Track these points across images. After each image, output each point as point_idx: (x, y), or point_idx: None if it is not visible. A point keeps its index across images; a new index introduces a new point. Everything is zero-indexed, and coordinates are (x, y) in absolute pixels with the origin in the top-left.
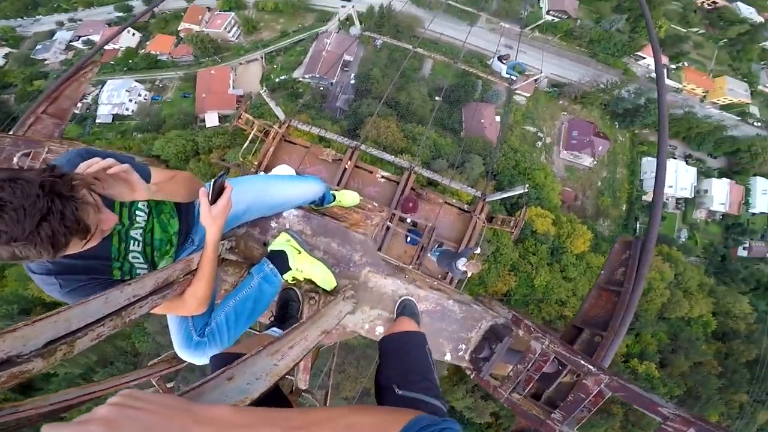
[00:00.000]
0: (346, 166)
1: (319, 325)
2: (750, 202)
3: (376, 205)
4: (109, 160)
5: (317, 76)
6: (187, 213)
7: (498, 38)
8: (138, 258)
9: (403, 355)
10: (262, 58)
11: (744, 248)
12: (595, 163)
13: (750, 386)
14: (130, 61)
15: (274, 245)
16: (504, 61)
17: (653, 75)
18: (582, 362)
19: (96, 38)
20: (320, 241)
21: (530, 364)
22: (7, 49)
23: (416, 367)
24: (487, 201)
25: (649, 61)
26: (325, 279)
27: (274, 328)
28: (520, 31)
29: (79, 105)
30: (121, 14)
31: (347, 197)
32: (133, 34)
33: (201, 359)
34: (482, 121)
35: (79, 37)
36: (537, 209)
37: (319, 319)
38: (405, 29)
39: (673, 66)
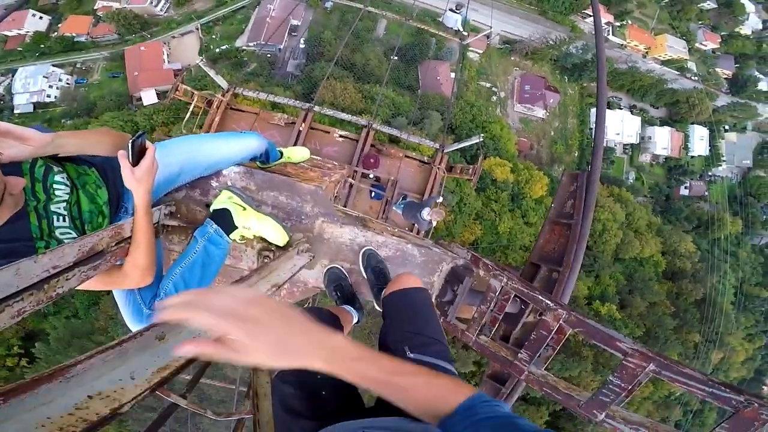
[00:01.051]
0: (300, 129)
1: (268, 279)
2: (689, 146)
3: (335, 163)
4: None
5: (262, 42)
6: (114, 180)
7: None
8: (70, 233)
9: (411, 315)
10: (197, 29)
11: (685, 187)
12: (548, 114)
13: (701, 326)
14: (42, 45)
15: (216, 204)
16: (457, 11)
17: None
18: (540, 297)
19: None
20: (267, 196)
21: (492, 304)
22: None
23: (426, 328)
24: (446, 152)
25: None
26: (276, 234)
27: (347, 306)
28: None
29: None
30: None
31: (296, 153)
32: (40, 18)
33: None
34: (438, 78)
35: None
36: (495, 159)
37: (268, 273)
38: None
39: (618, 24)
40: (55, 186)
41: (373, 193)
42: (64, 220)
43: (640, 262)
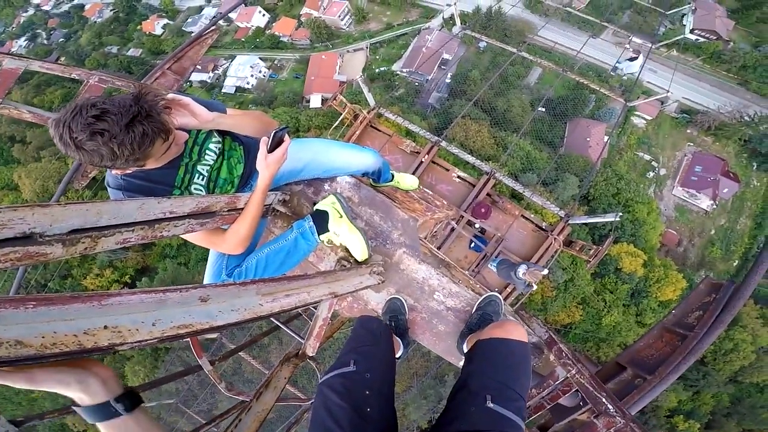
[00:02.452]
0: (423, 159)
1: (330, 286)
2: None
3: (444, 202)
4: (173, 94)
5: (414, 71)
6: (252, 160)
7: (622, 52)
8: (201, 190)
9: (507, 366)
10: (367, 47)
11: None
12: (715, 207)
13: None
14: (258, 39)
15: (320, 205)
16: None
17: None
18: (602, 399)
19: (234, 16)
20: (364, 211)
21: (546, 391)
22: (165, 20)
23: (516, 384)
24: (570, 223)
25: None
26: (359, 248)
27: (396, 337)
28: (650, 46)
29: (210, 74)
30: None
31: (406, 180)
32: (264, 15)
33: None
34: (588, 139)
35: (221, 13)
36: (629, 246)
37: (333, 281)
38: (514, 34)
39: None
40: (207, 151)
41: (473, 244)
42: (202, 180)
43: (761, 388)
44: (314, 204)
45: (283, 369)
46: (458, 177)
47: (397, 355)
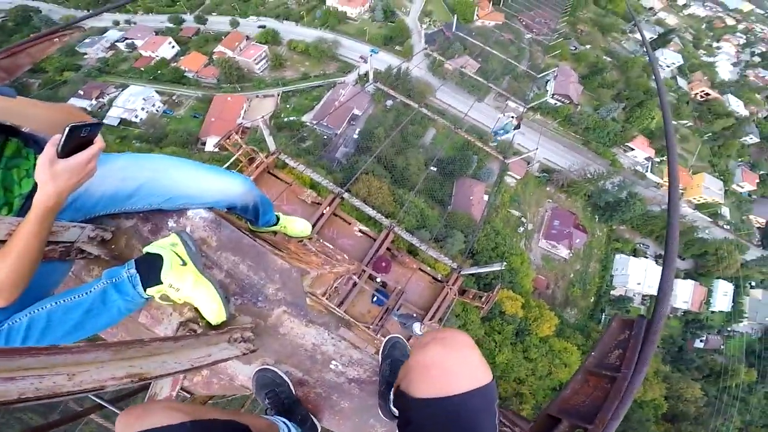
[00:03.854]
0: (324, 211)
1: (135, 364)
2: (711, 302)
3: (346, 257)
4: None
5: (324, 124)
6: None
7: (499, 117)
8: None
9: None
10: (278, 95)
11: (701, 341)
12: (571, 255)
13: None
14: (159, 71)
15: (153, 246)
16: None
17: (638, 168)
18: None
19: (140, 43)
20: (225, 259)
21: None
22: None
23: None
24: (462, 274)
25: (637, 153)
26: (211, 307)
27: (279, 418)
28: (524, 108)
29: (93, 102)
30: (171, 25)
31: (296, 225)
32: (173, 47)
33: None
34: (471, 198)
35: (125, 39)
36: (509, 292)
37: (175, 350)
38: (417, 94)
39: (658, 159)
40: None
41: (375, 298)
42: None
43: (639, 404)
44: None
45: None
46: (360, 231)
47: None
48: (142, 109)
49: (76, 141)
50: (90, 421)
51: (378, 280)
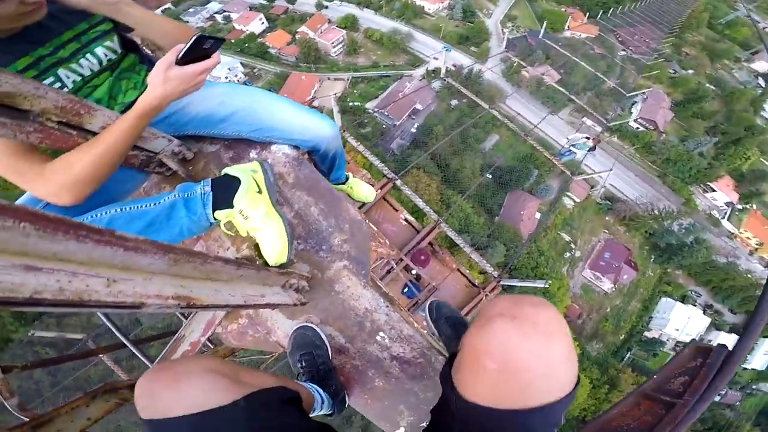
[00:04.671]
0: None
1: (217, 286)
2: (749, 358)
3: (387, 242)
4: None
5: (385, 113)
6: None
7: (572, 132)
8: None
9: None
10: (348, 80)
11: (719, 395)
12: (614, 290)
13: None
14: (246, 44)
15: (232, 169)
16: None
17: (714, 212)
18: None
19: (235, 16)
20: (299, 198)
21: None
22: (168, 5)
23: None
24: (502, 284)
25: (718, 195)
26: (274, 247)
27: (312, 385)
28: (602, 128)
29: None
30: (264, 2)
31: (362, 189)
32: (263, 23)
33: None
34: (522, 212)
35: (223, 11)
36: None
37: (206, 278)
38: (486, 98)
39: (740, 206)
40: (89, 55)
41: (406, 288)
42: (57, 86)
43: None
44: None
45: (92, 404)
46: (405, 220)
47: (320, 412)
48: (226, 77)
49: (197, 52)
50: (100, 362)
51: (413, 272)
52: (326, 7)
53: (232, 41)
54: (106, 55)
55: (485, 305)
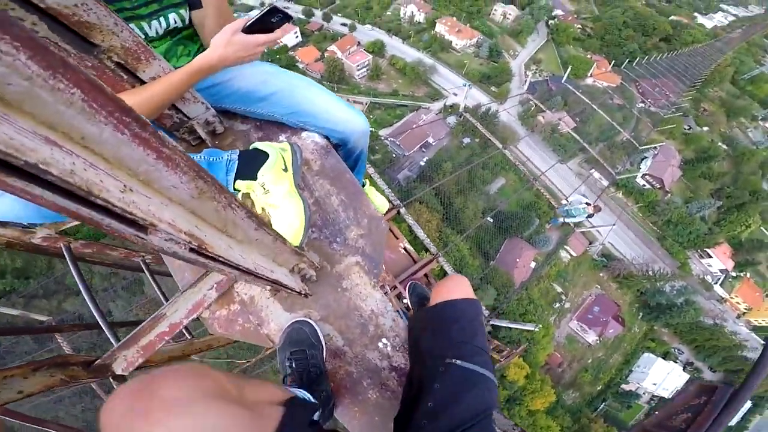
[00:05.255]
0: None
1: (231, 242)
2: None
3: (383, 267)
4: None
5: (396, 142)
6: None
7: (579, 183)
8: None
9: (460, 326)
10: (366, 104)
11: None
12: (598, 342)
13: None
14: (277, 55)
15: (262, 144)
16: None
17: (707, 277)
18: None
19: None
20: (321, 186)
21: None
22: None
23: (474, 339)
24: (492, 323)
25: (713, 262)
26: (291, 225)
27: (299, 390)
28: (605, 186)
29: None
30: (302, 17)
31: (377, 199)
32: (297, 37)
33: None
34: (517, 260)
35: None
36: (518, 359)
37: (239, 239)
38: (500, 138)
39: (734, 274)
40: (161, 18)
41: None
42: None
43: None
44: None
45: (33, 377)
46: (404, 248)
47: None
48: None
49: (264, 24)
50: (57, 350)
51: (405, 301)
52: (356, 29)
53: (266, 50)
54: (175, 22)
55: (443, 283)
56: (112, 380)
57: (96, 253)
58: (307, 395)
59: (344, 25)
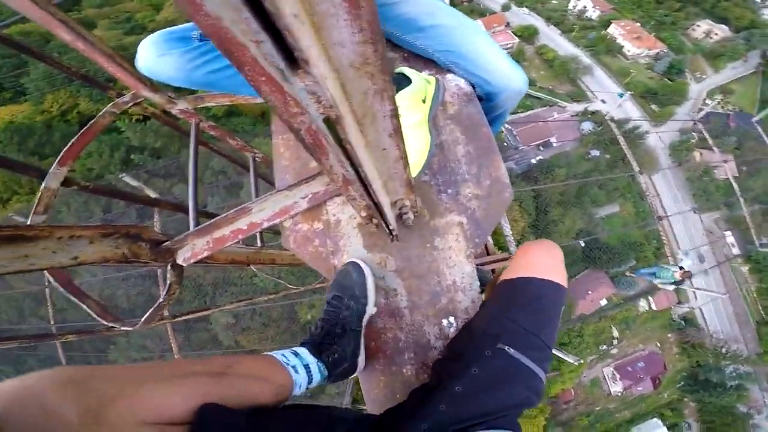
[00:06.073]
0: None
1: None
2: None
3: (489, 239)
4: None
5: (514, 133)
6: None
7: (703, 241)
8: None
9: (534, 311)
10: None
11: None
12: (619, 395)
13: None
14: None
15: (408, 69)
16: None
17: None
18: None
19: None
20: (450, 132)
21: None
22: None
23: (543, 332)
24: None
25: None
26: (417, 151)
27: (303, 357)
28: (727, 259)
29: None
30: None
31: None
32: None
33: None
34: (590, 292)
35: None
36: None
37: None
38: (637, 161)
39: None
40: None
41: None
42: None
43: None
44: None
45: (98, 243)
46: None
47: (297, 392)
48: None
49: None
50: None
51: None
52: (510, 9)
53: None
54: None
55: (528, 251)
56: (169, 270)
57: (218, 137)
58: (307, 364)
59: (499, 2)
